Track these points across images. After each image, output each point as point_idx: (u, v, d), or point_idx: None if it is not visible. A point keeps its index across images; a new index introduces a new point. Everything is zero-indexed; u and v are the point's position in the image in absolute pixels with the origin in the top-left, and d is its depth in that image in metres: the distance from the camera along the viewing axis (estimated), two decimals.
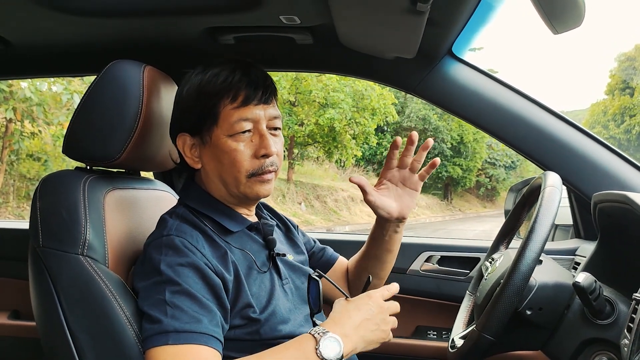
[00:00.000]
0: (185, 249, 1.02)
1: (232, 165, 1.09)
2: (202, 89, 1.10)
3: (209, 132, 1.10)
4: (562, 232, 1.95)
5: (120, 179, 1.24)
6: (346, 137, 14.39)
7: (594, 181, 1.42)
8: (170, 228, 1.06)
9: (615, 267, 1.19)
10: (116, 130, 1.13)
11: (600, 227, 1.26)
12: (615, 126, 30.57)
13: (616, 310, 1.04)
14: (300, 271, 1.26)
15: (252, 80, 1.09)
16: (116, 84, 1.14)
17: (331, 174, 17.88)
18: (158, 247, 1.03)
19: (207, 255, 1.04)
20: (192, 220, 1.10)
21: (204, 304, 0.98)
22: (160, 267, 0.99)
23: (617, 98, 31.41)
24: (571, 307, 1.09)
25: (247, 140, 1.09)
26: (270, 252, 1.18)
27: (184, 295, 0.97)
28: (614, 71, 32.92)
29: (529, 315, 1.07)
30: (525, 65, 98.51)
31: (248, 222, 1.17)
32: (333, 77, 13.64)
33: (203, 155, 1.13)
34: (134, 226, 1.20)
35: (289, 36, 1.39)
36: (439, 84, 1.51)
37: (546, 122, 1.47)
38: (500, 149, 24.25)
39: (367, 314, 1.04)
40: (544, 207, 1.01)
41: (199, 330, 0.95)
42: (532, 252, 0.98)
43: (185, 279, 0.99)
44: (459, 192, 24.60)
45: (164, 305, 0.96)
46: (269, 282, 1.13)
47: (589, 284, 0.99)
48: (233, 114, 1.08)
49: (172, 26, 1.35)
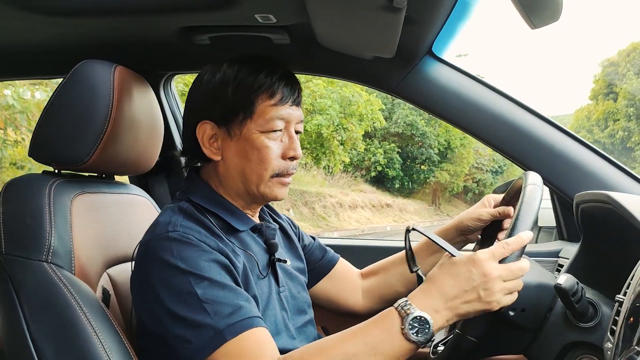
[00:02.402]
0: (197, 243, 0.98)
1: (260, 162, 1.06)
2: (241, 81, 1.07)
3: (241, 125, 1.07)
4: (546, 234, 1.93)
5: (91, 183, 1.20)
6: (334, 143, 14.39)
7: (576, 182, 1.41)
8: (174, 224, 1.01)
9: (598, 268, 1.17)
10: (84, 132, 1.09)
11: (582, 228, 1.25)
12: (600, 130, 30.94)
13: (599, 313, 1.02)
14: (297, 280, 1.23)
15: (289, 81, 1.10)
16: (85, 85, 1.10)
17: (319, 180, 17.84)
18: (167, 245, 0.97)
19: (218, 248, 1.00)
20: (197, 217, 1.05)
21: (237, 290, 0.96)
22: (177, 264, 0.94)
23: (600, 103, 31.79)
24: (554, 309, 1.07)
25: (277, 139, 1.08)
26: (271, 257, 1.14)
27: (215, 288, 0.94)
28: (598, 76, 33.33)
29: (512, 316, 1.04)
30: (511, 70, 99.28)
31: (252, 222, 1.14)
32: (320, 84, 13.65)
33: (227, 148, 1.09)
34: (104, 231, 1.16)
35: (265, 36, 1.36)
36: (419, 85, 1.48)
37: (527, 123, 1.46)
38: (487, 154, 24.39)
39: (465, 284, 0.89)
40: (525, 206, 0.99)
41: (246, 315, 0.93)
42: None
43: (209, 272, 0.95)
44: (447, 197, 24.67)
45: (201, 304, 0.92)
46: (267, 289, 1.10)
47: (570, 285, 0.97)
48: (270, 111, 1.06)
49: (145, 25, 1.32)
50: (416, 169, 21.76)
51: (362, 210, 16.75)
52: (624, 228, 1.00)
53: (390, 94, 1.53)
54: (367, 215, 16.77)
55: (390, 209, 18.45)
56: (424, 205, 21.96)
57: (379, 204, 18.09)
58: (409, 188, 21.93)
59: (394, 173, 20.58)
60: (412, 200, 21.11)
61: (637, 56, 30.28)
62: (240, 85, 1.07)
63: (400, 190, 21.49)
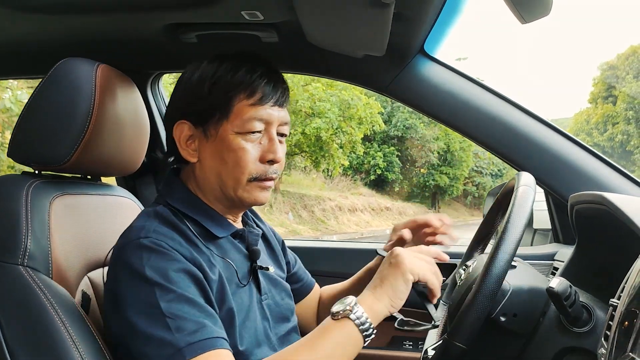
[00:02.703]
0: (168, 252, 0.93)
1: (236, 165, 1.01)
2: (219, 79, 1.02)
3: (217, 126, 1.02)
4: (541, 236, 1.90)
5: (73, 184, 1.17)
6: (333, 147, 14.37)
7: (571, 182, 1.38)
8: (148, 230, 0.96)
9: (593, 271, 1.14)
10: (65, 132, 1.06)
11: (577, 230, 1.22)
12: (599, 134, 30.96)
13: (594, 318, 0.99)
14: (281, 286, 1.18)
15: (272, 80, 1.04)
16: (66, 83, 1.07)
17: (319, 184, 17.83)
18: (137, 251, 0.93)
19: (191, 257, 0.95)
20: (173, 222, 1.00)
21: (203, 307, 0.91)
22: (145, 273, 0.90)
23: (600, 106, 31.82)
24: (547, 314, 1.03)
25: (255, 141, 1.02)
26: (253, 264, 1.09)
27: (181, 302, 0.89)
28: (597, 80, 33.37)
29: (503, 321, 1.01)
30: (511, 74, 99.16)
31: (234, 228, 1.09)
32: (319, 87, 13.64)
33: (203, 149, 1.04)
34: (86, 234, 1.12)
35: (253, 34, 1.33)
36: (412, 84, 1.46)
37: (522, 123, 1.43)
38: (487, 157, 24.36)
39: (385, 271, 1.00)
40: (516, 207, 0.96)
41: (209, 335, 0.88)
42: (505, 253, 0.92)
43: (177, 284, 0.90)
44: (447, 200, 24.65)
45: (163, 319, 0.87)
46: (247, 298, 1.05)
47: (563, 289, 0.94)
48: (247, 111, 1.01)
49: (130, 23, 1.29)
50: (416, 172, 21.75)
51: (362, 214, 16.74)
52: (618, 230, 0.97)
53: (382, 94, 1.50)
54: (367, 218, 16.75)
55: (389, 212, 18.44)
56: (424, 209, 21.93)
57: (379, 207, 18.08)
58: (408, 191, 21.92)
59: (393, 176, 20.57)
60: (411, 204, 21.10)
61: (636, 59, 30.31)
62: (217, 83, 1.02)
63: (399, 193, 21.48)
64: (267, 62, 1.07)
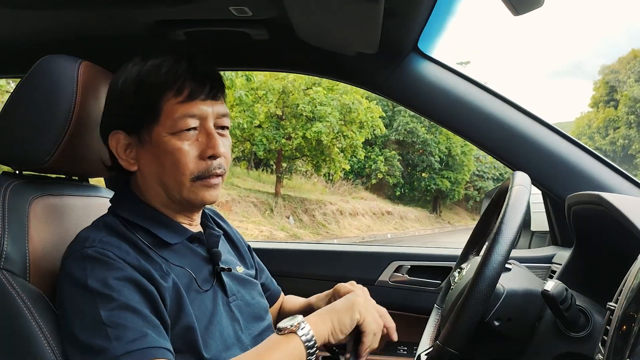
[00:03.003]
0: (113, 261, 0.90)
1: (175, 167, 0.97)
2: (142, 80, 0.98)
3: (149, 130, 0.98)
4: (539, 239, 1.87)
5: (55, 185, 1.14)
6: (334, 151, 14.35)
7: (568, 183, 1.35)
8: (93, 240, 0.93)
9: (590, 274, 1.11)
10: (45, 131, 1.03)
11: (575, 231, 1.18)
12: (601, 137, 30.93)
13: (591, 322, 0.96)
14: (251, 285, 1.15)
15: (199, 73, 0.98)
16: (46, 80, 1.04)
17: (320, 188, 17.81)
18: (80, 262, 0.90)
19: (139, 266, 0.92)
20: (122, 232, 0.97)
21: (146, 316, 0.87)
22: (87, 283, 0.87)
23: (601, 110, 31.79)
24: (543, 318, 1.00)
25: (192, 139, 0.97)
26: (215, 267, 1.06)
27: (123, 310, 0.86)
28: (599, 84, 33.35)
29: (497, 326, 0.98)
30: (513, 78, 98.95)
31: (189, 232, 1.05)
32: (320, 91, 13.62)
33: (140, 156, 1.01)
34: (67, 236, 1.08)
35: (243, 31, 1.30)
36: (406, 82, 1.42)
37: (518, 122, 1.40)
38: (489, 161, 24.35)
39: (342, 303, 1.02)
40: (511, 207, 0.93)
41: (150, 344, 0.84)
42: (499, 255, 0.88)
43: (120, 293, 0.87)
44: (448, 204, 24.63)
45: (103, 328, 0.84)
46: (211, 303, 1.01)
47: (558, 292, 0.90)
48: (177, 110, 0.96)
49: (115, 20, 1.26)
50: (417, 177, 21.74)
51: (363, 218, 16.71)
52: (616, 231, 0.94)
53: (376, 93, 1.47)
54: (368, 222, 16.72)
55: (390, 216, 18.41)
56: (425, 213, 21.91)
57: (380, 211, 18.05)
58: (409, 195, 21.90)
59: (394, 180, 20.55)
60: (413, 208, 21.07)
61: (638, 64, 30.27)
62: (141, 85, 0.98)
63: (401, 197, 21.46)
64: (192, 56, 1.01)
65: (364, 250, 1.71)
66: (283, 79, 13.63)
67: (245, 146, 15.19)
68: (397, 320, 1.64)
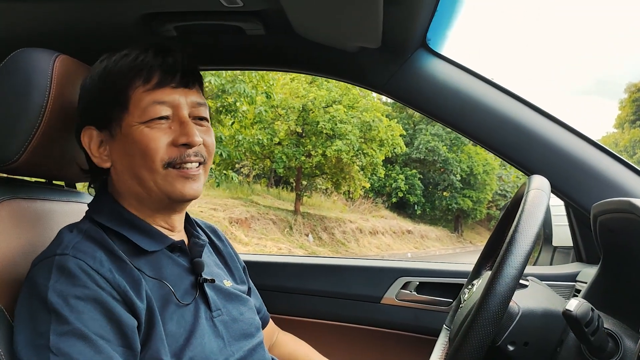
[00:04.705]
0: (82, 275, 0.82)
1: (145, 155, 0.92)
2: (110, 71, 0.95)
3: (119, 121, 0.94)
4: (562, 255, 1.72)
5: (28, 187, 1.06)
6: (354, 169, 14.32)
7: (593, 192, 1.22)
8: (66, 246, 0.86)
9: (619, 293, 0.97)
10: (13, 128, 0.96)
11: (602, 245, 1.05)
12: (629, 156, 30.36)
13: (621, 348, 0.83)
14: (239, 300, 1.06)
15: (168, 61, 0.94)
16: (19, 74, 0.97)
17: (339, 206, 17.71)
18: (46, 269, 0.83)
19: (113, 280, 0.84)
20: (98, 238, 0.90)
21: (101, 347, 0.79)
22: (47, 296, 0.79)
23: (627, 131, 31.25)
24: (565, 342, 0.88)
25: (165, 128, 0.93)
26: (197, 278, 0.97)
27: (74, 337, 0.78)
28: (625, 102, 32.77)
29: (512, 351, 0.86)
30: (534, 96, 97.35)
31: (169, 240, 0.98)
32: (340, 108, 13.61)
33: (113, 151, 0.96)
34: (37, 243, 1.00)
35: (236, 25, 1.21)
36: (412, 81, 1.31)
37: (536, 124, 1.27)
38: (511, 180, 23.97)
39: None
40: (526, 213, 0.81)
41: None
42: (512, 268, 0.77)
43: (79, 316, 0.79)
44: (470, 224, 24.23)
45: (46, 353, 0.76)
46: (192, 316, 0.93)
47: (583, 312, 0.78)
48: (145, 97, 0.92)
49: (100, 12, 1.18)
50: (438, 195, 21.49)
51: (383, 237, 16.52)
52: None
53: (378, 92, 1.36)
54: (388, 241, 16.51)
55: (411, 235, 18.16)
56: (446, 232, 21.58)
57: (400, 230, 17.83)
58: (430, 214, 21.63)
59: (415, 199, 20.35)
60: (434, 227, 20.78)
61: None
62: (108, 76, 0.94)
63: (421, 216, 21.20)
64: (163, 45, 0.98)
65: (369, 265, 1.59)
66: (304, 97, 13.67)
67: (265, 163, 15.24)
68: (404, 342, 1.53)
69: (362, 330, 1.54)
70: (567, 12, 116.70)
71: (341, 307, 1.55)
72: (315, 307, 1.57)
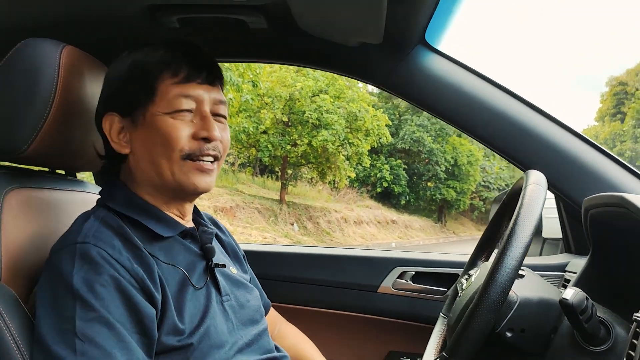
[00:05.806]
0: (105, 263, 0.84)
1: (167, 144, 0.94)
2: (139, 61, 0.98)
3: (144, 110, 0.96)
4: (551, 246, 1.78)
5: (35, 177, 1.07)
6: (339, 158, 14.32)
7: (584, 186, 1.26)
8: (86, 234, 0.88)
9: (610, 283, 1.02)
10: (22, 119, 0.97)
11: (592, 237, 1.10)
12: (609, 148, 30.86)
13: (612, 335, 0.88)
14: (245, 287, 1.09)
15: (195, 59, 0.98)
16: (26, 65, 0.98)
17: (325, 195, 17.74)
18: (69, 257, 0.85)
19: (132, 269, 0.86)
20: (115, 226, 0.92)
21: (122, 336, 0.81)
22: (72, 282, 0.81)
23: (607, 124, 31.69)
24: (559, 329, 0.92)
25: (187, 120, 0.96)
26: (208, 263, 1.01)
27: (99, 324, 0.80)
28: (606, 96, 33.21)
29: (510, 337, 0.90)
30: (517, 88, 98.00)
31: (182, 227, 1.01)
32: (327, 98, 13.59)
33: (134, 138, 0.98)
34: (45, 231, 1.02)
35: (239, 18, 1.22)
36: (411, 76, 1.35)
37: (531, 121, 1.31)
38: (494, 172, 24.22)
39: None
40: (525, 207, 0.85)
41: None
42: (512, 259, 0.81)
43: (103, 302, 0.81)
44: (453, 214, 24.47)
45: (72, 337, 0.78)
46: (204, 298, 0.96)
47: (578, 301, 0.82)
48: (173, 90, 0.95)
49: (106, 2, 1.19)
50: (422, 186, 21.63)
51: (367, 226, 16.60)
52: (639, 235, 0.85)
53: (379, 87, 1.39)
54: (372, 231, 16.61)
55: (395, 225, 18.29)
56: (430, 223, 21.77)
57: (385, 220, 17.94)
58: (415, 205, 21.79)
59: (400, 189, 20.46)
60: (418, 217, 20.94)
61: None
62: (138, 67, 0.97)
63: (406, 206, 21.34)
64: (189, 42, 1.02)
65: (366, 255, 1.63)
66: (290, 87, 13.62)
67: (250, 152, 15.18)
68: (401, 330, 1.57)
69: (359, 318, 1.58)
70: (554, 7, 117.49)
71: (339, 295, 1.59)
72: (313, 296, 1.61)
